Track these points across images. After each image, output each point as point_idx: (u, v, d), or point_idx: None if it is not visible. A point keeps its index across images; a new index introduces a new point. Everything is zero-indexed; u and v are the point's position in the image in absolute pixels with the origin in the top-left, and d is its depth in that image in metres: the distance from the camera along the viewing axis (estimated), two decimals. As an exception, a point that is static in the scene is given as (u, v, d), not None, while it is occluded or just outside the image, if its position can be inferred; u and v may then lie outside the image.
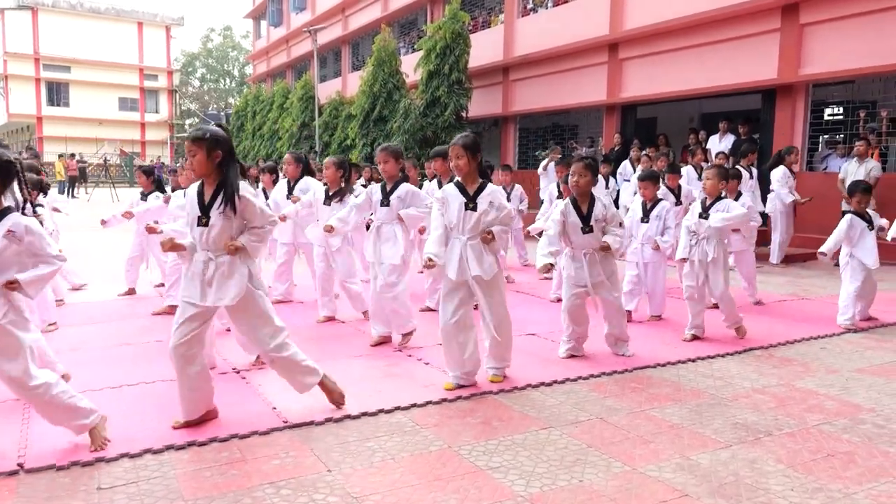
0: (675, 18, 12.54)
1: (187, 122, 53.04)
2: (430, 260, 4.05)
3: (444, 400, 3.91)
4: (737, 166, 9.83)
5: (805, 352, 5.11)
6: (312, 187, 6.40)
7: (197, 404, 3.48)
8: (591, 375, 4.42)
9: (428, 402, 3.86)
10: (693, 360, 4.82)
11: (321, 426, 3.51)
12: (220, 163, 3.39)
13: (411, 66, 18.04)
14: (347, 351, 5.00)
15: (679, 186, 7.88)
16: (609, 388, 4.18)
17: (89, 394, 3.61)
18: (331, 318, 6.02)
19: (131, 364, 4.65)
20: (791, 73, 11.02)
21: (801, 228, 10.35)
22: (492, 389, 4.09)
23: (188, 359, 3.36)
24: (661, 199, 6.08)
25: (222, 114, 41.49)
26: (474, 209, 4.10)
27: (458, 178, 4.18)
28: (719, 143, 12.13)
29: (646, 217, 5.99)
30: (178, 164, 25.06)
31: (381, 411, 3.71)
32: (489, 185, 4.18)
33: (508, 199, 6.60)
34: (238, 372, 4.42)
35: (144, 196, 6.96)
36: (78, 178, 28.78)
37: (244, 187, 3.51)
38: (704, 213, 5.38)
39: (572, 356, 4.83)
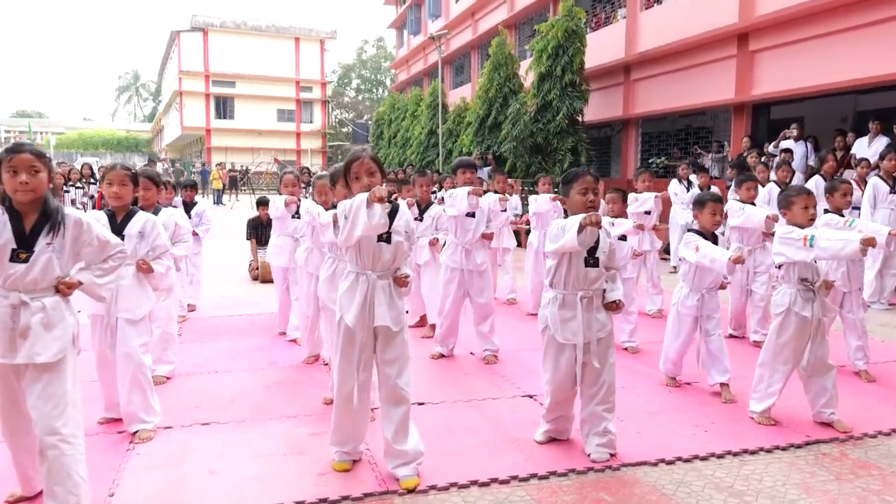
0: (820, -2, 10.51)
1: (343, 130, 55.27)
2: None
3: (323, 502, 2.98)
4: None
5: (901, 452, 3.58)
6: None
7: (34, 481, 2.89)
8: (553, 473, 3.27)
9: (299, 503, 2.96)
10: (719, 457, 3.49)
11: (136, 532, 2.74)
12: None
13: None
14: (286, 407, 4.19)
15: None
16: (562, 499, 3.03)
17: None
18: (316, 358, 5.27)
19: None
20: (964, 57, 8.73)
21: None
22: (396, 489, 3.10)
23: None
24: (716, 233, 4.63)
25: (368, 122, 42.63)
26: (388, 240, 3.15)
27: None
28: (868, 147, 9.97)
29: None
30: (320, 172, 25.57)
31: (227, 513, 2.87)
32: (402, 207, 3.25)
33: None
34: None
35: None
36: (227, 186, 30.64)
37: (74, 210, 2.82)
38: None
39: (552, 440, 3.68)
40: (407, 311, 6.72)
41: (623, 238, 5.43)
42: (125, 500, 2.97)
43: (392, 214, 3.16)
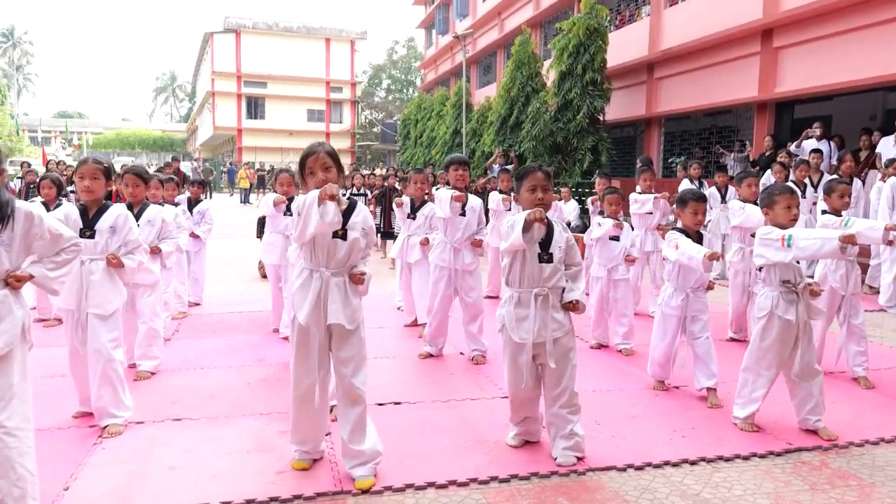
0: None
1: (373, 130, 55.55)
2: None
3: (274, 500, 2.96)
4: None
5: (885, 462, 3.42)
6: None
7: None
8: (514, 476, 3.19)
9: (250, 502, 2.93)
10: (692, 463, 3.38)
11: (83, 526, 2.74)
12: None
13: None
14: (262, 404, 4.18)
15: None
16: (518, 503, 2.95)
17: None
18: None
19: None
20: None
21: None
22: (351, 489, 3.06)
23: None
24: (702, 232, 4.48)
25: (397, 122, 42.72)
26: (343, 237, 3.11)
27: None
28: (894, 147, 9.63)
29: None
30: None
31: (172, 510, 2.86)
32: (359, 204, 3.20)
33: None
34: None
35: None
36: (255, 185, 31.05)
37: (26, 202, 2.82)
38: None
39: (526, 443, 3.59)
40: (400, 308, 6.78)
41: (615, 238, 5.32)
42: (80, 494, 2.98)
43: (349, 211, 3.12)
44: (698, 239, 4.15)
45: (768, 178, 10.13)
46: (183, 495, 2.99)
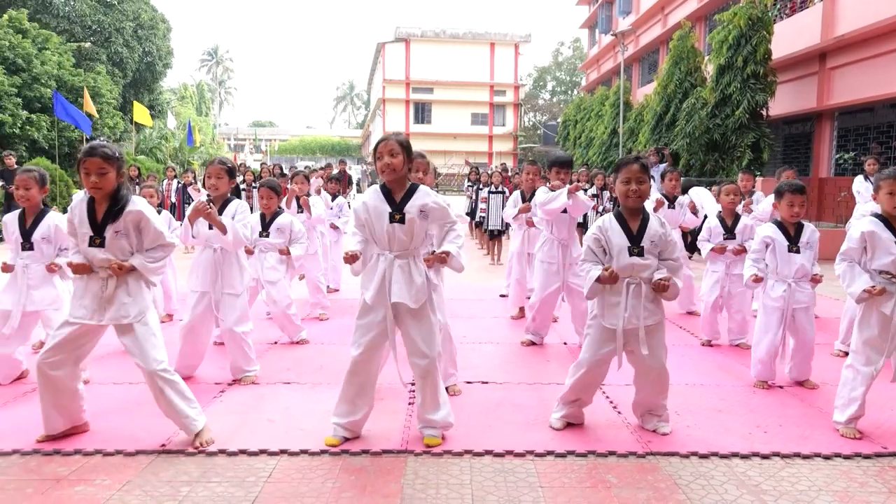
0: None
1: (537, 133, 55.75)
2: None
3: (344, 452, 3.30)
4: None
5: None
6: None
7: (56, 421, 3.38)
8: (571, 453, 3.29)
9: (324, 452, 3.30)
10: (763, 457, 3.27)
11: (189, 456, 3.24)
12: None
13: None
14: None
15: None
16: (567, 476, 3.05)
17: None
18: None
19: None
20: None
21: None
22: (414, 449, 3.33)
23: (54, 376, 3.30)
24: (804, 223, 4.24)
25: (558, 124, 42.55)
26: (401, 220, 3.37)
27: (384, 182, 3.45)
28: None
29: (794, 245, 4.19)
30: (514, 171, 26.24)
31: (243, 452, 3.30)
32: (420, 187, 3.43)
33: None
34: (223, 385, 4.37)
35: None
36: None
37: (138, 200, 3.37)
38: None
39: (569, 425, 3.65)
40: (503, 296, 6.95)
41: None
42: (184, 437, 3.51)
43: (408, 196, 3.36)
44: (796, 231, 3.95)
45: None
46: (272, 441, 3.42)
